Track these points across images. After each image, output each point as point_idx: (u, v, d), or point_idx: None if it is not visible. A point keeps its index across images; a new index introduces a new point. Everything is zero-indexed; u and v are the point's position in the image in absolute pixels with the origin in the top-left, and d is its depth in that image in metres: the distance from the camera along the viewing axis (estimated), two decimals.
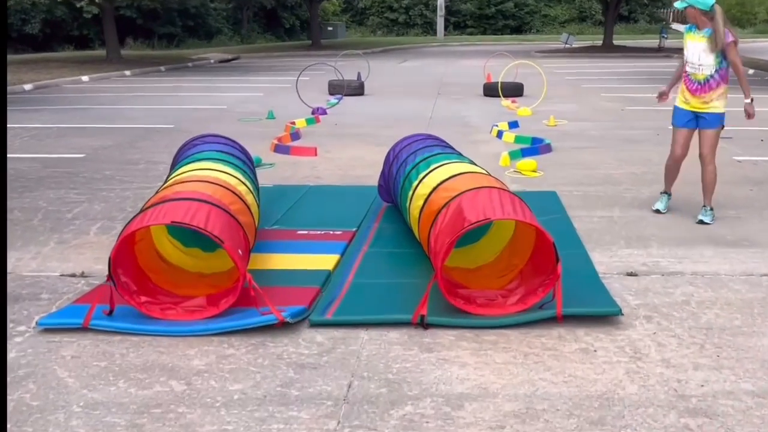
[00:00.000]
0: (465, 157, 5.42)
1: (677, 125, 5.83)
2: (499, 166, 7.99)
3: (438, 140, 5.90)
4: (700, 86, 5.58)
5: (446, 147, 5.64)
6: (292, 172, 7.68)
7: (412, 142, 5.77)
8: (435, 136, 6.16)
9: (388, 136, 9.82)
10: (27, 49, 32.35)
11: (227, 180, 4.55)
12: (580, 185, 7.05)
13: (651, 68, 22.97)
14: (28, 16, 31.42)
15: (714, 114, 5.61)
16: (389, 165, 5.84)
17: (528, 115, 12.20)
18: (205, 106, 13.53)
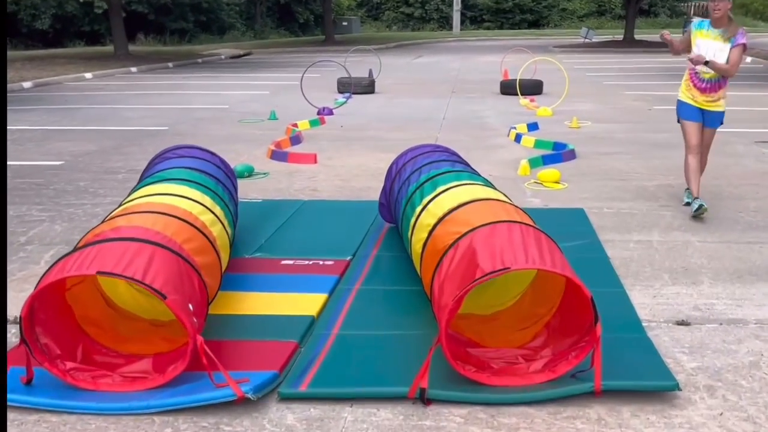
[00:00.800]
0: (479, 176, 4.55)
1: (686, 118, 5.73)
2: (518, 176, 7.12)
3: (448, 153, 5.04)
4: (709, 85, 5.53)
5: (457, 162, 4.78)
6: (288, 182, 6.86)
7: (417, 155, 4.92)
8: (444, 148, 5.30)
9: (396, 141, 9.00)
10: (37, 44, 31.80)
11: (189, 208, 3.72)
12: (610, 200, 6.17)
13: (675, 64, 21.84)
14: (38, 11, 30.84)
15: (719, 112, 5.65)
16: (391, 181, 5.00)
17: (548, 116, 11.30)
18: (207, 106, 12.74)
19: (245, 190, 6.50)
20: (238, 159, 7.94)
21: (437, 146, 5.24)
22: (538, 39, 37.60)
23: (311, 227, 5.27)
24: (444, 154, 4.88)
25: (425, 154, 4.92)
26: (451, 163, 4.58)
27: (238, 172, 6.81)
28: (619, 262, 4.62)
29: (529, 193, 6.43)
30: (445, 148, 5.29)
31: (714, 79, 5.47)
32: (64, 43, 32.77)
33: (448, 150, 5.25)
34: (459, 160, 4.89)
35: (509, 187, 6.58)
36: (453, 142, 8.96)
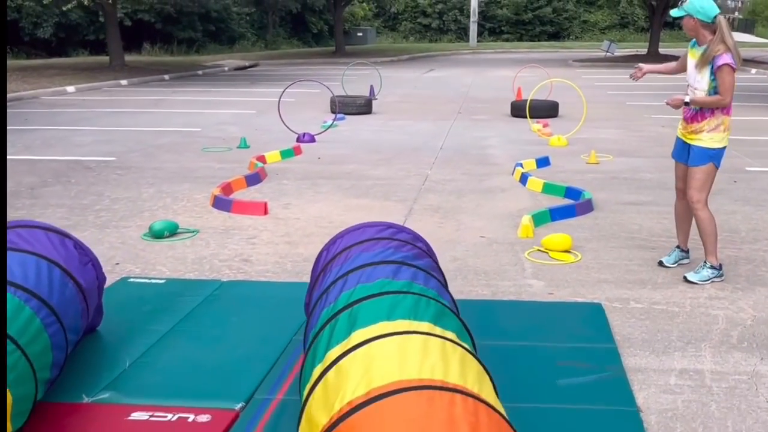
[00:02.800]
0: (438, 293, 2.89)
1: (673, 157, 4.87)
2: (517, 239, 5.47)
3: (397, 243, 3.37)
4: (693, 113, 4.54)
5: (407, 263, 3.10)
6: (217, 246, 5.25)
7: (353, 245, 3.28)
8: (399, 228, 3.64)
9: (376, 181, 7.41)
10: (40, 53, 30.63)
11: None
12: (639, 285, 4.49)
13: None
14: (40, 19, 29.65)
15: (700, 148, 4.51)
16: (314, 279, 3.39)
17: (562, 146, 9.62)
18: (176, 129, 11.20)
19: (154, 260, 4.91)
20: (173, 205, 6.38)
21: (391, 226, 3.59)
22: (557, 52, 35.84)
23: (206, 340, 3.63)
24: (390, 247, 3.22)
25: (366, 243, 3.28)
26: (395, 268, 2.93)
27: (154, 232, 5.24)
28: (656, 420, 2.95)
29: (528, 270, 4.77)
30: (401, 228, 3.63)
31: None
32: (68, 52, 31.58)
33: (404, 230, 3.60)
34: (413, 256, 3.22)
35: (504, 258, 4.95)
36: (445, 182, 7.37)
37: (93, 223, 5.80)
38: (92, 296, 3.31)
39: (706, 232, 4.58)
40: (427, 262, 3.24)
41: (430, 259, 3.33)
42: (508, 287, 4.46)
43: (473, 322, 3.85)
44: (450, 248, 5.23)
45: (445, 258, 4.99)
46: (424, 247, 3.51)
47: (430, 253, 3.52)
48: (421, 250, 3.34)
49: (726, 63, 4.30)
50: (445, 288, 3.09)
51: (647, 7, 30.13)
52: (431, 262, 3.32)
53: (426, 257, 3.31)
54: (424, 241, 3.60)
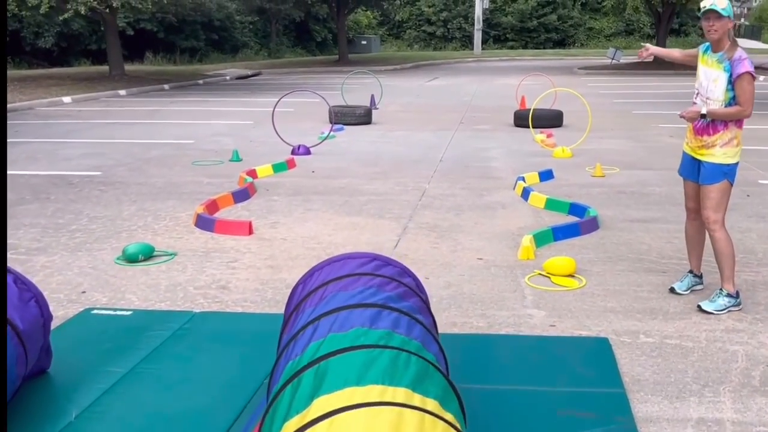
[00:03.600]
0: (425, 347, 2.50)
1: (681, 174, 4.45)
2: (517, 261, 5.09)
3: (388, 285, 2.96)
4: (704, 125, 4.13)
5: (390, 317, 2.66)
6: (194, 271, 4.89)
7: (329, 281, 2.91)
8: (386, 260, 3.24)
9: (371, 196, 7.07)
10: (42, 63, 30.44)
11: None
12: (648, 315, 4.10)
13: None
14: (41, 29, 29.46)
15: (713, 164, 4.11)
16: (286, 318, 3.02)
17: (567, 158, 9.24)
18: (168, 141, 10.87)
19: (125, 287, 4.55)
20: (153, 225, 6.03)
21: (376, 258, 3.20)
22: (562, 59, 35.48)
23: (168, 383, 3.24)
24: (371, 286, 2.83)
25: (346, 279, 2.91)
26: (374, 313, 2.54)
27: (128, 256, 4.88)
28: None
29: (528, 298, 4.39)
30: (387, 260, 3.24)
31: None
32: (70, 61, 31.39)
33: (391, 263, 3.22)
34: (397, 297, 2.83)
35: (502, 284, 4.58)
36: (443, 198, 7.00)
37: (65, 245, 5.45)
38: (34, 338, 2.95)
39: (723, 255, 4.19)
40: (414, 303, 2.86)
41: (417, 298, 2.96)
42: (507, 318, 4.08)
43: (466, 359, 3.49)
44: (445, 272, 4.86)
45: (439, 284, 4.63)
46: (412, 283, 3.13)
47: (419, 290, 3.15)
48: (407, 288, 2.96)
49: (747, 71, 3.93)
50: (431, 331, 2.71)
51: (653, 14, 29.75)
52: (419, 301, 2.94)
53: (413, 296, 2.94)
54: (411, 276, 3.23)
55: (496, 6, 47.28)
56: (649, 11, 29.38)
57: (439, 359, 2.54)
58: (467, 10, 45.98)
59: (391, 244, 5.50)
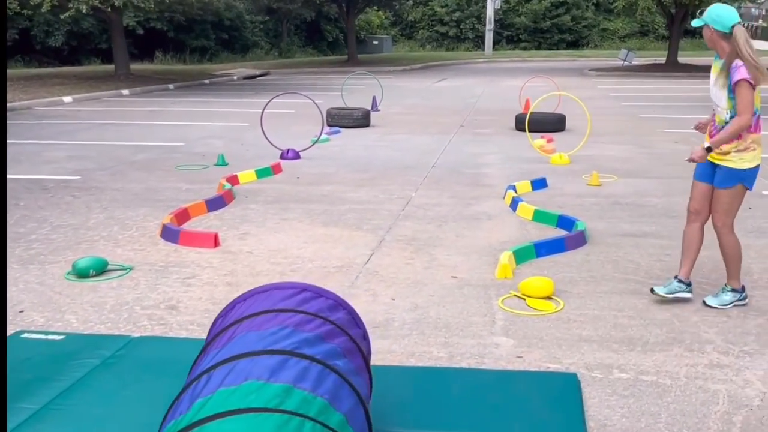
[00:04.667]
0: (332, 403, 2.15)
1: (695, 178, 4.32)
2: (494, 280, 4.73)
3: (310, 323, 2.58)
4: (718, 131, 4.12)
5: (297, 367, 2.24)
6: (145, 289, 4.57)
7: (244, 317, 2.57)
8: (317, 291, 2.88)
9: (353, 204, 6.74)
10: (53, 62, 30.37)
11: None
12: (627, 346, 3.72)
13: None
14: (51, 28, 29.38)
15: (729, 169, 4.05)
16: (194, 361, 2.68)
17: (564, 165, 8.85)
18: (158, 143, 10.59)
19: (67, 306, 4.24)
20: (118, 235, 5.73)
21: (306, 290, 2.84)
22: (574, 61, 34.93)
23: (81, 424, 2.91)
24: (288, 325, 2.47)
25: (262, 315, 2.56)
26: (278, 361, 2.18)
27: (78, 271, 4.58)
28: None
29: (498, 324, 4.03)
30: (318, 292, 2.87)
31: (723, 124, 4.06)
32: (80, 60, 31.31)
33: (323, 295, 2.85)
34: (315, 339, 2.46)
35: (473, 306, 4.25)
36: (428, 207, 6.65)
37: (18, 257, 5.16)
38: None
39: (731, 258, 4.25)
40: (338, 345, 2.51)
41: (345, 338, 2.60)
42: (471, 347, 3.73)
43: (414, 398, 3.13)
44: (413, 292, 4.51)
45: (405, 306, 4.28)
46: (344, 319, 2.77)
47: (352, 326, 2.79)
48: (334, 326, 2.61)
49: (742, 78, 3.88)
50: (349, 378, 2.34)
51: (666, 15, 29.16)
52: (346, 341, 2.58)
53: (339, 335, 2.58)
54: (346, 309, 2.87)
55: (510, 6, 46.73)
56: (662, 12, 28.76)
57: (354, 415, 2.19)
58: (480, 10, 45.43)
59: (362, 260, 5.16)
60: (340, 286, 4.62)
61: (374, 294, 4.48)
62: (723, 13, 3.97)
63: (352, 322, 2.85)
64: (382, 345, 3.74)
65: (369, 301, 4.36)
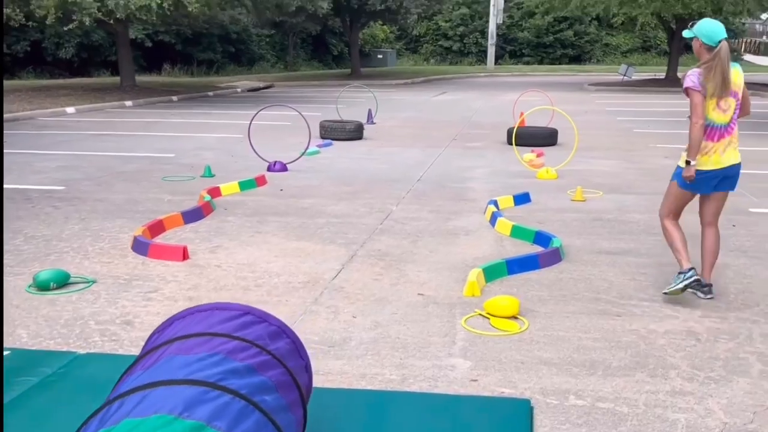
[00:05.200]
0: None
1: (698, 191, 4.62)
2: (461, 298, 4.55)
3: (245, 351, 2.37)
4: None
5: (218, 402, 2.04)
6: (104, 303, 4.40)
7: (176, 339, 2.40)
8: (267, 323, 2.67)
9: (331, 218, 6.58)
10: (64, 73, 30.42)
11: None
12: (587, 370, 3.53)
13: None
14: (62, 40, 29.45)
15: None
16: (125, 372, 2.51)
17: (551, 180, 8.67)
18: (150, 154, 10.47)
19: (21, 320, 4.08)
20: (89, 247, 5.58)
21: (249, 312, 2.65)
22: (575, 75, 34.75)
23: None
24: (220, 352, 2.27)
25: (195, 338, 2.38)
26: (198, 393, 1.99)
27: (38, 283, 4.43)
28: None
29: (458, 344, 3.84)
30: (262, 316, 2.66)
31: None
32: (90, 72, 31.36)
33: (266, 320, 2.65)
34: (246, 370, 2.26)
35: (434, 326, 4.07)
36: (406, 221, 6.48)
37: None
38: None
39: (668, 244, 4.68)
40: (271, 378, 2.31)
41: (281, 370, 2.40)
42: (426, 369, 3.54)
43: (353, 426, 2.93)
44: (376, 310, 4.33)
45: (365, 324, 4.10)
46: (285, 348, 2.58)
47: (291, 357, 2.59)
48: (270, 357, 2.42)
49: (685, 86, 4.33)
50: (273, 417, 2.16)
51: (666, 30, 28.97)
52: (282, 374, 2.38)
53: (275, 367, 2.39)
54: (289, 338, 2.67)
55: (513, 21, 46.68)
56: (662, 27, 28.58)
57: None
58: (483, 25, 45.36)
59: (330, 275, 4.99)
60: (302, 302, 4.44)
61: (336, 311, 4.30)
62: (713, 29, 4.24)
63: (294, 353, 2.66)
64: (334, 366, 3.56)
65: (329, 319, 4.18)
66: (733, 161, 4.37)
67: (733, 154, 4.37)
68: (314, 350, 3.72)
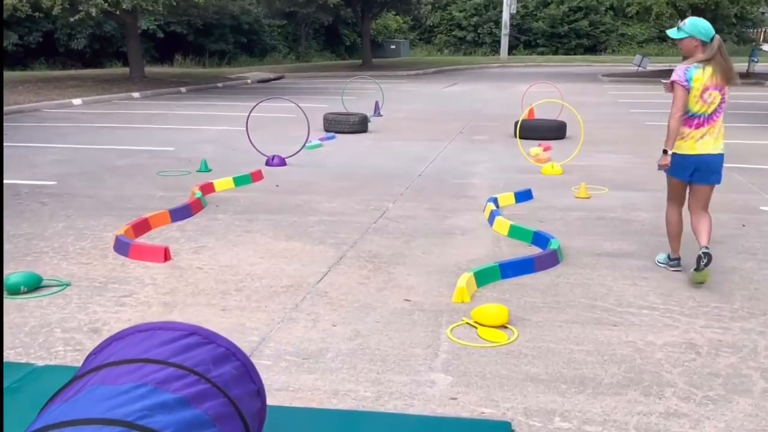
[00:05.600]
0: None
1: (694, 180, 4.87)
2: (450, 305, 4.30)
3: (181, 380, 2.12)
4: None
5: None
6: (75, 308, 4.19)
7: (104, 366, 2.18)
8: (213, 345, 2.42)
9: (324, 215, 6.35)
10: (76, 64, 30.42)
11: None
12: (576, 388, 3.28)
13: (738, 98, 18.46)
14: (74, 31, 29.39)
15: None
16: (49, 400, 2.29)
17: (557, 175, 8.38)
18: (149, 147, 10.29)
19: None
20: (70, 246, 5.38)
21: (194, 333, 2.40)
22: (590, 66, 34.23)
23: None
24: (146, 382, 2.05)
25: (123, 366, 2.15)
26: None
27: (8, 287, 4.24)
28: None
29: (440, 357, 3.60)
30: (209, 337, 2.40)
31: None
32: (103, 63, 31.32)
33: (213, 341, 2.41)
34: (176, 402, 2.03)
35: (418, 336, 3.84)
36: (402, 220, 6.24)
37: None
38: None
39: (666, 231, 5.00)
40: (206, 411, 2.06)
41: (220, 400, 2.15)
42: (403, 385, 3.30)
43: None
44: (359, 318, 4.09)
45: (345, 333, 3.87)
46: (228, 375, 2.32)
47: (238, 382, 2.35)
48: (211, 386, 2.18)
49: (672, 80, 4.56)
50: None
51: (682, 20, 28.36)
52: (221, 405, 2.13)
53: (214, 398, 2.15)
54: (239, 361, 2.42)
55: (527, 11, 46.09)
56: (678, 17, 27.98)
57: None
58: (497, 15, 44.85)
59: (315, 278, 4.76)
60: (282, 308, 4.22)
61: (316, 319, 4.07)
62: (706, 26, 4.49)
63: (243, 378, 2.42)
64: (306, 381, 3.33)
65: (308, 327, 3.95)
66: (709, 151, 4.55)
67: (711, 144, 4.55)
68: (287, 363, 3.50)
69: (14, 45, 27.95)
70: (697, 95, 4.48)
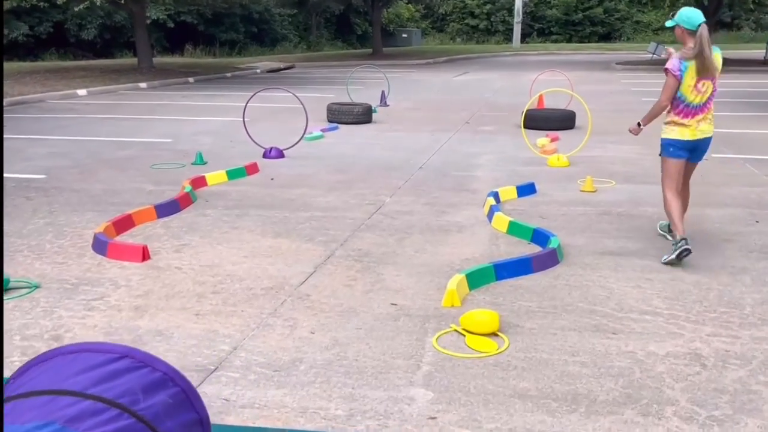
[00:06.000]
0: None
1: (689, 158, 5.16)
2: (439, 309, 4.01)
3: (99, 415, 1.96)
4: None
5: None
6: (40, 313, 3.94)
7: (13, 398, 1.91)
8: (149, 368, 2.20)
9: (317, 211, 6.08)
10: (87, 54, 30.29)
11: None
12: (568, 407, 2.98)
13: (754, 86, 17.96)
14: (85, 21, 29.24)
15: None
16: None
17: (563, 167, 8.04)
18: (147, 139, 10.05)
19: None
20: (47, 245, 5.15)
21: (126, 356, 2.16)
22: (603, 54, 33.60)
23: None
24: (60, 419, 1.82)
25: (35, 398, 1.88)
26: None
27: None
28: None
29: (423, 369, 3.31)
30: (145, 361, 2.17)
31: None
32: (113, 53, 31.16)
33: (150, 364, 2.17)
34: None
35: (401, 345, 3.58)
36: (397, 215, 5.95)
37: None
38: None
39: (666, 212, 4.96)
40: None
41: None
42: (378, 403, 3.02)
43: None
44: (340, 324, 3.82)
45: (324, 342, 3.59)
46: (160, 405, 1.94)
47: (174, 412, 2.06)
48: (135, 421, 1.86)
49: (666, 67, 4.74)
50: None
51: (699, 7, 27.70)
52: None
53: None
54: (178, 386, 2.13)
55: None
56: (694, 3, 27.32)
57: None
58: (510, 2, 44.19)
59: (298, 279, 4.48)
60: (259, 313, 3.95)
61: (293, 325, 3.80)
62: (692, 15, 4.62)
63: (181, 406, 2.09)
64: (273, 397, 3.06)
65: (284, 335, 3.68)
66: (706, 135, 4.84)
67: (706, 128, 4.82)
68: (256, 376, 3.23)
69: (25, 35, 27.86)
70: (692, 85, 4.69)
